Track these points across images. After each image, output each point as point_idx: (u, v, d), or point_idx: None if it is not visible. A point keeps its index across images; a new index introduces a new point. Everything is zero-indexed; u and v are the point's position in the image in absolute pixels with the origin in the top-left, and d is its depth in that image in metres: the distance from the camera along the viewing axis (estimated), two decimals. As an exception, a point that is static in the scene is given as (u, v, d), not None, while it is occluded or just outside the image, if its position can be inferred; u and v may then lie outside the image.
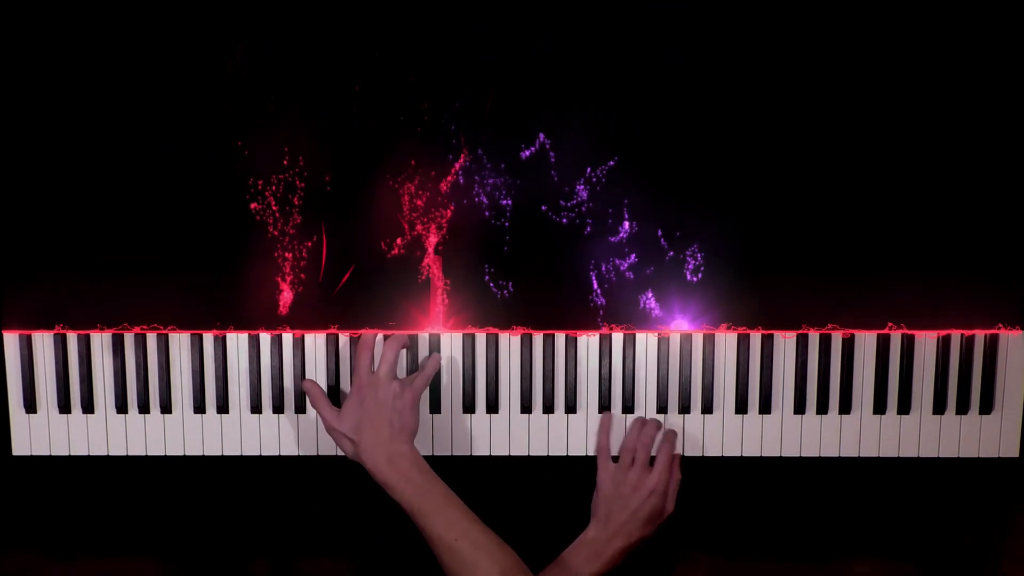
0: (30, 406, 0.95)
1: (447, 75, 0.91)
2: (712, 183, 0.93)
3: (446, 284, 0.94)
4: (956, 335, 0.95)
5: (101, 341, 0.95)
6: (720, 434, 0.97)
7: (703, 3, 0.90)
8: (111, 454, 0.96)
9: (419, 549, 0.89)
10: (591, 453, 0.97)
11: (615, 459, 0.95)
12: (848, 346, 0.95)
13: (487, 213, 0.93)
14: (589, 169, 0.92)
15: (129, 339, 0.95)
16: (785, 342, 0.96)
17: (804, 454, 0.97)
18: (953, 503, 1.00)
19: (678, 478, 0.94)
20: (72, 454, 0.96)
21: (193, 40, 0.90)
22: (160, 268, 0.93)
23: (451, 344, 0.96)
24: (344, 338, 0.95)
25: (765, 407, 0.96)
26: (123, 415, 0.96)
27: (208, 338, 0.95)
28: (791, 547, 1.01)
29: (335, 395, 0.96)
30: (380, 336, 0.94)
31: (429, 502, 0.87)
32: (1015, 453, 0.97)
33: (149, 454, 0.97)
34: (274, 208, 0.93)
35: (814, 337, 0.95)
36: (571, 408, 0.96)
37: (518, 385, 0.96)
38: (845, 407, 0.96)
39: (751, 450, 0.97)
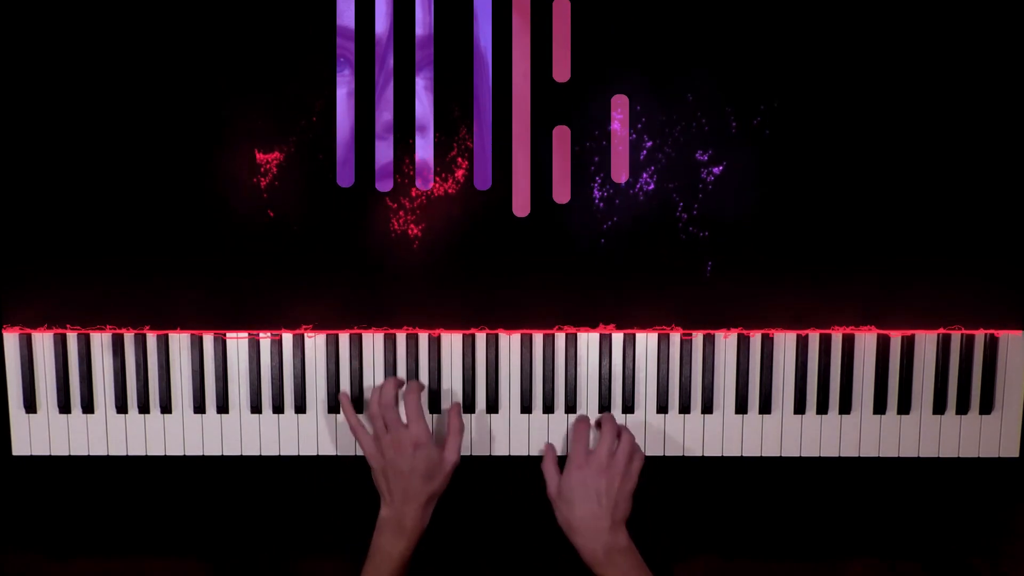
0: (30, 406, 0.95)
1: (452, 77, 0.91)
2: (712, 184, 0.93)
3: (447, 283, 0.94)
4: (956, 335, 0.95)
5: (101, 341, 0.95)
6: (720, 434, 0.97)
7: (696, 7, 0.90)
8: (111, 454, 0.96)
9: (418, 549, 0.89)
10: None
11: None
12: (848, 346, 0.95)
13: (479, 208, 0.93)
14: (593, 169, 0.93)
15: (129, 339, 0.95)
16: (785, 342, 0.96)
17: (804, 454, 0.97)
18: (953, 503, 1.00)
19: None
20: (72, 454, 0.96)
21: (191, 40, 0.90)
22: (161, 268, 0.93)
23: (451, 344, 0.96)
24: (344, 337, 0.95)
25: (765, 407, 0.96)
26: (123, 415, 0.96)
27: (208, 338, 0.95)
28: (791, 547, 1.01)
29: (330, 397, 0.96)
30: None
31: None
32: (1015, 453, 0.97)
33: (149, 454, 0.97)
34: (274, 208, 0.93)
35: (814, 337, 0.95)
36: (571, 408, 0.96)
37: (518, 385, 0.96)
38: (845, 407, 0.96)
39: (751, 450, 0.97)
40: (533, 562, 0.94)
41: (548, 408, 0.96)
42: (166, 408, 0.96)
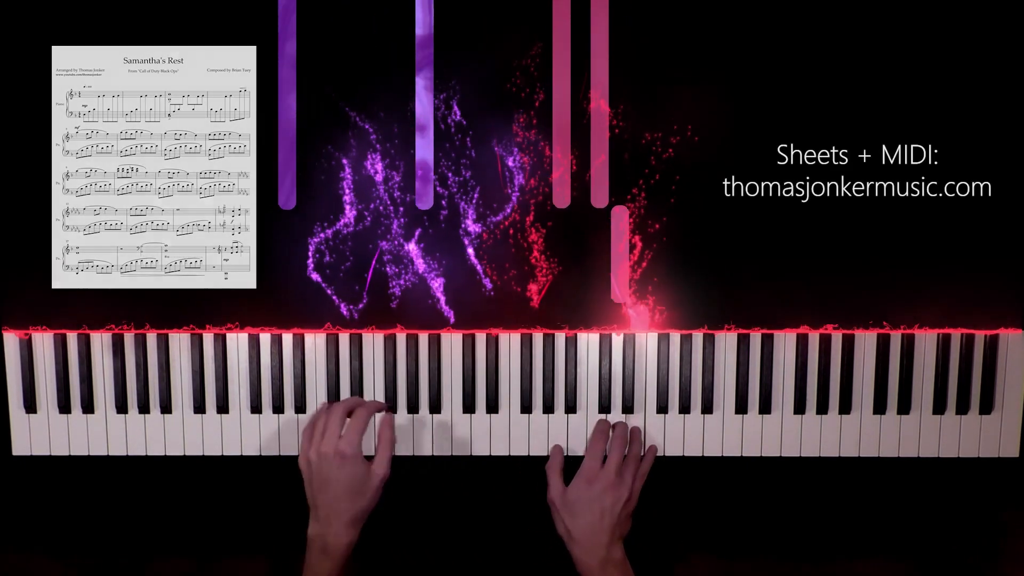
0: (30, 406, 0.95)
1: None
2: (712, 183, 0.93)
3: (447, 283, 0.94)
4: (956, 335, 0.95)
5: (101, 341, 0.95)
6: (720, 434, 0.97)
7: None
8: (111, 454, 0.96)
9: (418, 549, 0.89)
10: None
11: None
12: (848, 346, 0.95)
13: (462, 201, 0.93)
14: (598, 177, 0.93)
15: (129, 339, 0.95)
16: (785, 342, 0.96)
17: (804, 454, 0.97)
18: (953, 503, 1.00)
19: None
20: (72, 454, 0.96)
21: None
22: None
23: (451, 344, 0.96)
24: (344, 337, 0.95)
25: (765, 407, 0.96)
26: (123, 415, 0.96)
27: (208, 338, 0.95)
28: (791, 547, 1.01)
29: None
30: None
31: None
32: (1015, 453, 0.97)
33: (149, 454, 0.97)
34: (279, 208, 0.93)
35: (814, 337, 0.95)
36: (571, 408, 0.96)
37: (518, 385, 0.96)
38: (845, 407, 0.96)
39: (751, 450, 0.97)
40: (531, 562, 0.94)
41: (548, 408, 0.96)
42: (166, 408, 0.96)
